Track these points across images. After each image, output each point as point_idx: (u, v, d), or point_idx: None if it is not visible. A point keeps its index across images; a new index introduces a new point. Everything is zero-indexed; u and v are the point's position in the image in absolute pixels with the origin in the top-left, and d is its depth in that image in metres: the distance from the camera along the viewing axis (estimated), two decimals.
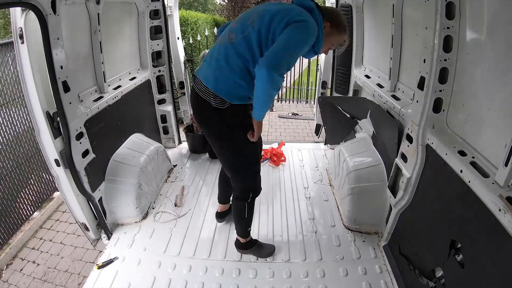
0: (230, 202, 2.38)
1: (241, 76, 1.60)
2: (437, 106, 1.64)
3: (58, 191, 2.57)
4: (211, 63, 1.67)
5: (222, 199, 2.41)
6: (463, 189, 1.35)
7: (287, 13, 1.53)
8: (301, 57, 1.72)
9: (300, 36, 1.50)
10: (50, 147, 1.90)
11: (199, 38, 7.03)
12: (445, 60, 1.54)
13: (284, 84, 7.52)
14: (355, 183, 2.33)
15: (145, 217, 2.55)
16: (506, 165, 1.13)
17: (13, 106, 3.42)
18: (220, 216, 2.45)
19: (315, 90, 5.41)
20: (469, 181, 1.32)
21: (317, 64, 5.15)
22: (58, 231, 3.58)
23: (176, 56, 3.57)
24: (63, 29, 1.82)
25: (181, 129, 3.81)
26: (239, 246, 2.18)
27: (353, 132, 3.00)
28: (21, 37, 1.67)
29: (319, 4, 1.71)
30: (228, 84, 1.63)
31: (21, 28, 1.65)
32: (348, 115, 2.89)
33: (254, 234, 2.36)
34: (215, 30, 7.24)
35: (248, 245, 2.16)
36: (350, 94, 3.16)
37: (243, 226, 2.09)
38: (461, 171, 1.38)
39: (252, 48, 1.56)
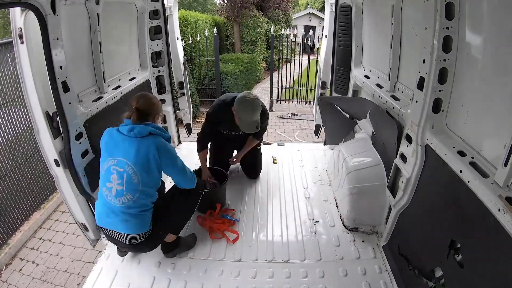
0: None
1: None
2: (437, 106, 1.64)
3: (57, 191, 2.55)
4: None
5: None
6: (462, 189, 1.35)
7: None
8: (300, 61, 1.73)
9: None
10: (49, 147, 1.89)
11: (198, 38, 7.04)
12: (444, 60, 1.54)
13: (283, 84, 7.53)
14: (355, 183, 2.33)
15: None
16: (505, 165, 1.13)
17: (12, 106, 3.42)
18: None
19: (315, 90, 5.41)
20: (468, 181, 1.32)
21: (317, 65, 5.14)
22: (57, 231, 3.58)
23: (176, 56, 3.56)
24: (62, 29, 1.81)
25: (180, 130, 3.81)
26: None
27: (352, 132, 3.00)
28: (20, 37, 1.66)
29: None
30: None
31: (21, 28, 1.65)
32: (347, 116, 2.89)
33: (252, 234, 2.38)
34: (215, 30, 7.26)
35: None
36: (350, 94, 3.16)
37: None
38: (460, 171, 1.38)
39: None
